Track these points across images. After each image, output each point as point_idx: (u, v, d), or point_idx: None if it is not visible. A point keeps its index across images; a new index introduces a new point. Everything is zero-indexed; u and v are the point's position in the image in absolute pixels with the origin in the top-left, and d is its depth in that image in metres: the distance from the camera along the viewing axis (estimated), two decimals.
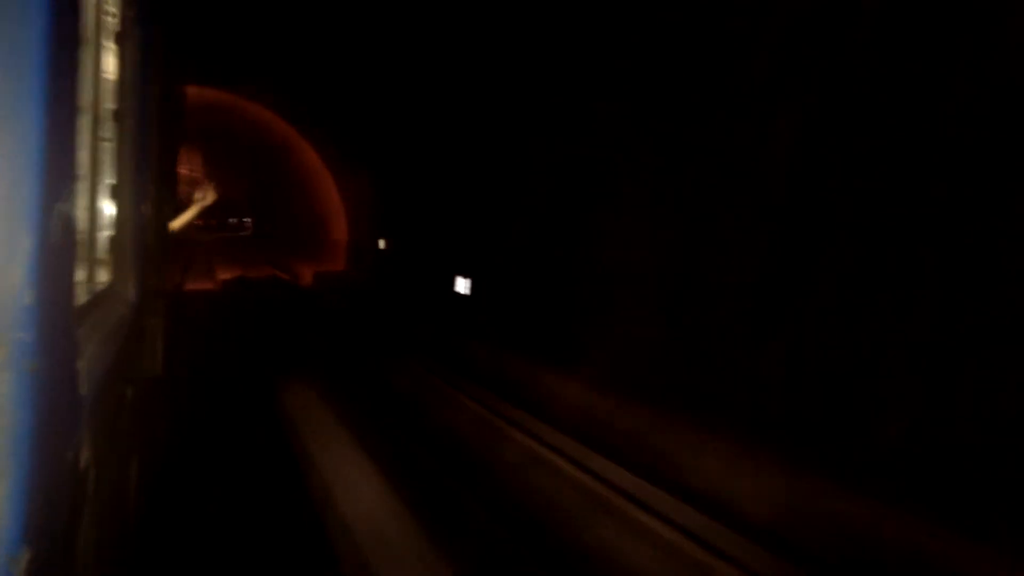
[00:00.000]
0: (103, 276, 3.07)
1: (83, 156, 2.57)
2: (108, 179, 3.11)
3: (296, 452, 7.43)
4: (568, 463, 6.39)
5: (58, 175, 1.19)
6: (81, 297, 2.30)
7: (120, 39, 3.08)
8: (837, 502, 4.74)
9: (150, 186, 4.18)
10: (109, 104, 2.99)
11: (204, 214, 7.38)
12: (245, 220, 46.48)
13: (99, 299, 2.71)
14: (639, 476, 5.96)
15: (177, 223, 6.90)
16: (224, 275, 27.59)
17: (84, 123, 2.53)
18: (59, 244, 1.19)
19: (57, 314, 1.21)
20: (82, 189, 2.53)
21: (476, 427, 8.05)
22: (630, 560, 5.10)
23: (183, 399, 8.69)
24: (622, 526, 5.37)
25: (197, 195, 6.97)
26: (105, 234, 3.10)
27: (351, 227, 24.82)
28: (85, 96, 2.51)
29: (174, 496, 5.74)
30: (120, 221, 3.21)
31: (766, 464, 5.35)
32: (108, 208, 3.17)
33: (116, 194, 3.16)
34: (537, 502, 6.23)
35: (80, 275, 2.68)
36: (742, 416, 5.81)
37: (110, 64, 3.05)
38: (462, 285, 12.96)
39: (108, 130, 3.01)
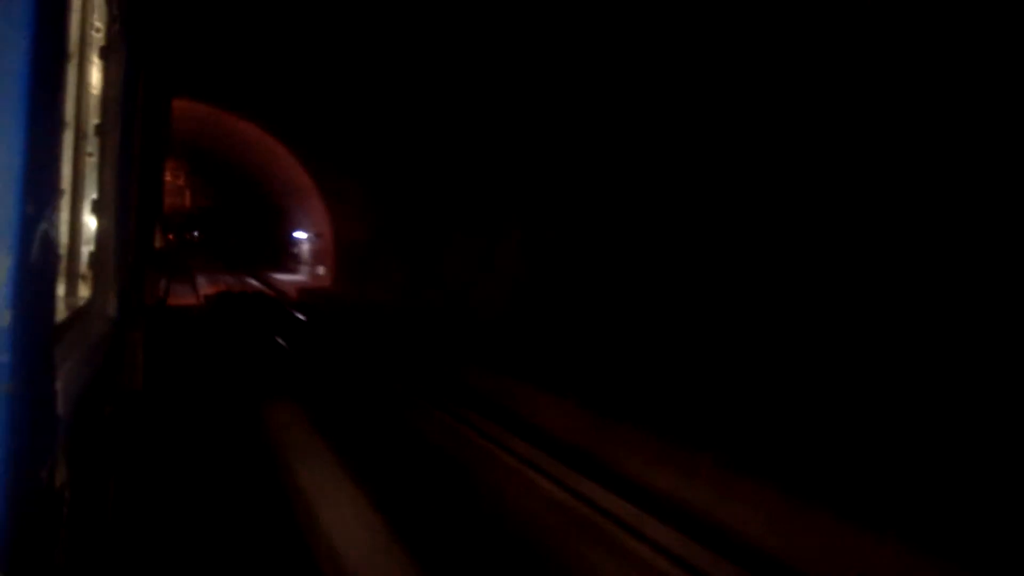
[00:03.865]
0: (84, 291, 3.03)
1: (66, 170, 2.54)
2: (91, 194, 3.08)
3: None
4: None
5: (40, 192, 1.17)
6: (61, 313, 2.27)
7: (105, 53, 3.07)
8: None
9: (133, 201, 4.15)
10: (94, 119, 2.97)
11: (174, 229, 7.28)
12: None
13: (79, 315, 2.68)
14: None
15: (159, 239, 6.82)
16: (207, 291, 27.36)
17: (67, 138, 2.51)
18: (40, 263, 1.17)
19: (35, 334, 1.19)
20: (64, 204, 2.50)
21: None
22: None
23: (165, 415, 8.58)
24: None
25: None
26: (87, 249, 3.06)
27: (338, 247, 24.79)
28: (69, 111, 2.49)
29: (151, 515, 5.65)
30: (101, 236, 3.17)
31: None
32: (91, 222, 3.14)
33: (98, 209, 3.13)
34: None
35: (60, 291, 2.65)
36: None
37: (95, 78, 3.03)
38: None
39: (92, 145, 2.98)
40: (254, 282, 31.71)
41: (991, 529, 4.41)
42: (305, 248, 30.28)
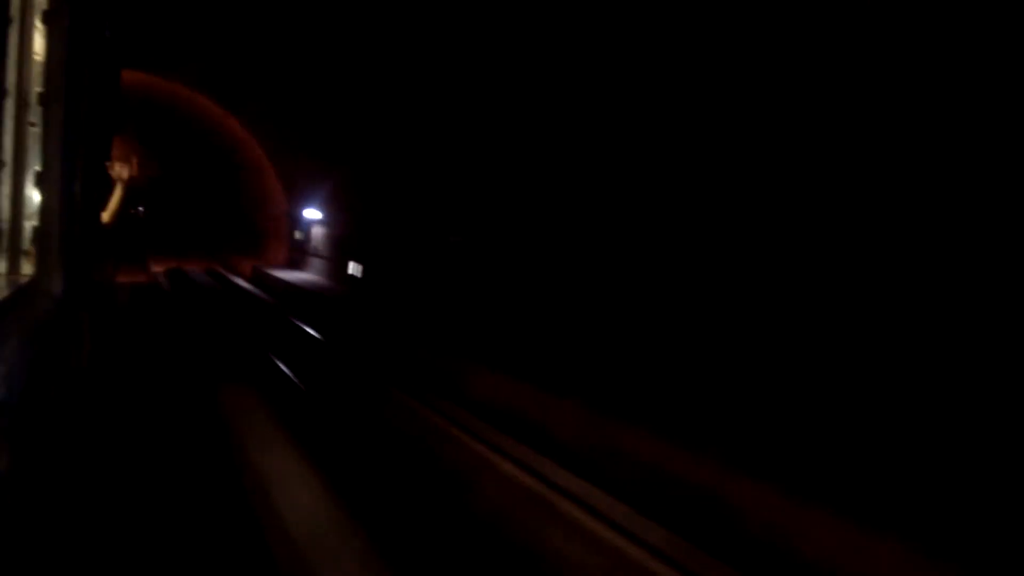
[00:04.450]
0: (28, 268, 2.90)
1: (7, 141, 2.43)
2: (35, 165, 2.94)
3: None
4: None
5: None
6: (1, 291, 2.17)
7: (49, 18, 2.92)
8: None
9: (80, 174, 3.99)
10: (37, 87, 2.83)
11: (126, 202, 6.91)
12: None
13: (22, 293, 2.56)
14: None
15: (107, 212, 6.58)
16: (158, 267, 26.70)
17: (8, 107, 2.39)
18: None
19: None
20: (4, 176, 2.39)
21: None
22: None
23: (113, 395, 8.36)
24: None
25: (118, 170, 6.45)
26: (30, 224, 2.93)
27: (292, 225, 24.38)
28: (10, 79, 2.37)
29: (103, 496, 5.51)
30: (46, 210, 3.04)
31: None
32: (35, 196, 3.00)
33: (43, 182, 3.00)
34: None
35: (2, 267, 2.53)
36: None
37: (39, 45, 2.89)
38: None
39: (35, 114, 2.84)
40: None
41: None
42: (319, 234, 21.06)
